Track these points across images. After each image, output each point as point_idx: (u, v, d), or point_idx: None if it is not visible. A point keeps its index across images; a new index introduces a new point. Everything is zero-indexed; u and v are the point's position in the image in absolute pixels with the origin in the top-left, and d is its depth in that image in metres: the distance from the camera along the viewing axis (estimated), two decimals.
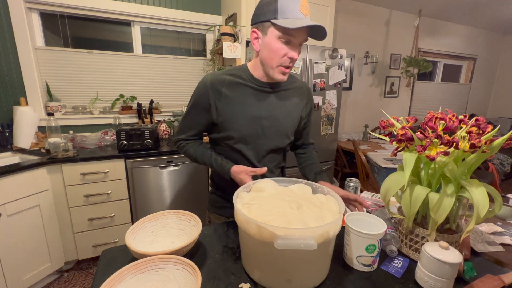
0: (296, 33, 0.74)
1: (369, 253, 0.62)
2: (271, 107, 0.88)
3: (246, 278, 0.61)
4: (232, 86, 0.85)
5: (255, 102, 0.86)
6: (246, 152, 0.89)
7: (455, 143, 0.55)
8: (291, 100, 0.92)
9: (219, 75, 0.86)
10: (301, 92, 0.95)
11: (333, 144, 2.41)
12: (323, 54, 2.14)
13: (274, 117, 0.88)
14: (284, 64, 0.78)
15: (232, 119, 0.85)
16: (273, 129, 0.89)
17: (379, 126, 0.72)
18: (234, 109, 0.84)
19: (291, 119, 0.93)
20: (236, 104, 0.84)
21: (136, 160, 1.80)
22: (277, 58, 0.77)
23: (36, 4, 1.89)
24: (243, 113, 0.85)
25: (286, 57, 0.77)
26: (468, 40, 4.29)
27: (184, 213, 0.79)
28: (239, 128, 0.86)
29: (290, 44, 0.76)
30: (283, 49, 0.76)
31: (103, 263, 0.67)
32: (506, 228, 0.84)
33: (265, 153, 0.91)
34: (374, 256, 0.62)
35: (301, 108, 0.95)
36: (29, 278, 1.55)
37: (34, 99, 1.96)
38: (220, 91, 0.84)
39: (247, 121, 0.85)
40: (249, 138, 0.88)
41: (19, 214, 1.48)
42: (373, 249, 0.61)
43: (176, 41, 2.47)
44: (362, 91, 3.59)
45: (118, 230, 1.85)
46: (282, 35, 0.74)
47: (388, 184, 0.67)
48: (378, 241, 0.61)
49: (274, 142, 0.91)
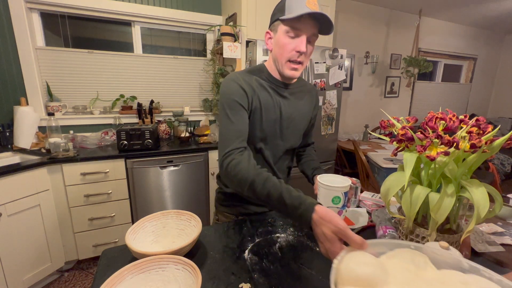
0: (301, 26, 0.74)
1: (335, 204, 0.70)
2: (289, 108, 0.89)
3: (247, 278, 0.61)
4: (259, 86, 0.85)
5: (276, 102, 0.87)
6: (265, 152, 0.90)
7: (456, 143, 0.55)
8: (305, 101, 0.95)
9: (245, 74, 0.84)
10: (311, 95, 0.99)
11: (334, 144, 2.41)
12: (324, 54, 2.14)
13: (291, 118, 0.90)
14: (293, 59, 0.79)
15: (259, 117, 0.85)
16: (290, 130, 0.91)
17: (379, 126, 0.72)
18: (261, 109, 0.84)
19: (305, 120, 0.96)
20: (263, 103, 0.84)
21: (136, 160, 1.80)
22: (285, 53, 0.78)
23: (36, 4, 1.89)
24: (267, 113, 0.85)
25: (294, 51, 0.77)
26: (469, 40, 4.28)
27: (184, 213, 0.79)
28: (263, 127, 0.86)
29: (298, 38, 0.76)
30: (290, 44, 0.77)
31: (104, 263, 0.67)
32: (507, 228, 0.84)
33: (281, 153, 0.93)
34: (339, 207, 0.71)
35: (311, 109, 0.99)
36: (30, 278, 1.55)
37: (34, 99, 1.96)
38: (254, 89, 0.83)
39: (270, 122, 0.86)
40: (269, 138, 0.88)
41: (19, 214, 1.48)
42: (338, 200, 0.70)
43: (176, 41, 2.47)
44: (363, 91, 3.59)
45: (118, 230, 1.85)
46: (289, 29, 0.76)
47: (388, 184, 0.67)
48: (343, 193, 0.70)
49: (290, 143, 0.93)
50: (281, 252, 0.72)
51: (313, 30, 0.76)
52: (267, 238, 0.79)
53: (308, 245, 0.76)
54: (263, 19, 2.06)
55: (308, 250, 0.73)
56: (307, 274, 0.63)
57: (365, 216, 0.93)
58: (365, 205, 1.01)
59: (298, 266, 0.66)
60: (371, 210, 0.95)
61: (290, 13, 0.73)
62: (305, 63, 0.82)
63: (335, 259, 0.46)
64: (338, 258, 0.46)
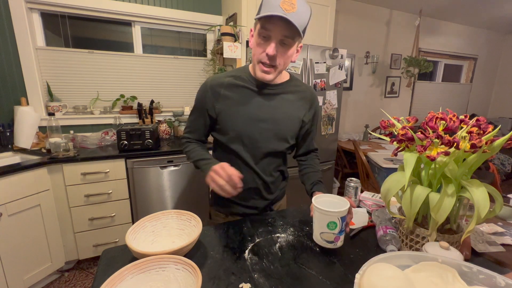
0: (271, 27, 0.71)
1: (331, 230, 0.66)
2: (271, 110, 0.86)
3: (247, 278, 0.61)
4: (232, 88, 0.85)
5: (254, 103, 0.85)
6: (243, 153, 0.88)
7: (456, 143, 0.55)
8: (294, 103, 0.90)
9: (219, 78, 0.88)
10: (304, 96, 0.92)
11: (334, 144, 2.41)
12: (324, 54, 2.14)
13: (273, 120, 0.86)
14: (263, 60, 0.76)
15: (230, 118, 0.85)
16: (272, 132, 0.87)
17: (379, 126, 0.71)
18: (232, 109, 0.85)
19: (291, 123, 0.90)
20: (235, 104, 0.85)
21: (136, 160, 1.80)
22: (257, 54, 0.77)
23: (36, 4, 1.89)
24: (240, 113, 0.85)
25: (264, 53, 0.75)
26: (469, 40, 4.28)
27: (184, 213, 0.79)
28: (235, 128, 0.86)
29: (269, 40, 0.73)
30: (261, 45, 0.75)
31: (104, 263, 0.67)
32: (507, 228, 0.84)
33: (263, 155, 0.90)
34: (335, 233, 0.67)
35: (304, 112, 0.92)
36: (30, 277, 1.55)
37: (35, 99, 1.97)
38: (219, 92, 0.85)
39: (244, 122, 0.85)
40: (246, 139, 0.87)
41: (20, 214, 1.48)
42: (334, 226, 0.66)
43: (177, 41, 2.47)
44: (363, 91, 3.59)
45: (119, 230, 1.85)
46: (260, 29, 0.74)
47: (388, 184, 0.67)
48: (339, 218, 0.65)
49: (272, 146, 0.89)
50: (281, 252, 0.72)
51: (284, 32, 0.71)
52: (267, 238, 0.79)
53: (308, 245, 0.76)
54: None
55: (309, 250, 0.73)
56: (307, 274, 0.63)
57: (365, 216, 0.93)
58: (365, 205, 1.01)
59: (298, 266, 0.66)
60: (371, 210, 0.95)
61: (264, 12, 0.70)
62: (280, 67, 0.78)
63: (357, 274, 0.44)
64: (360, 273, 0.44)
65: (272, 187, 0.98)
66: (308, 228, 0.85)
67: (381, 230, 0.75)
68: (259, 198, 0.97)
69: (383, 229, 0.75)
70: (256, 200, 0.96)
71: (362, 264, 0.47)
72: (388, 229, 0.74)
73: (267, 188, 0.96)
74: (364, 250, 0.74)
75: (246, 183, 0.90)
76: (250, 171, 0.91)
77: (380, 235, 0.75)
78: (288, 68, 2.00)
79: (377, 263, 0.46)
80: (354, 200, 1.01)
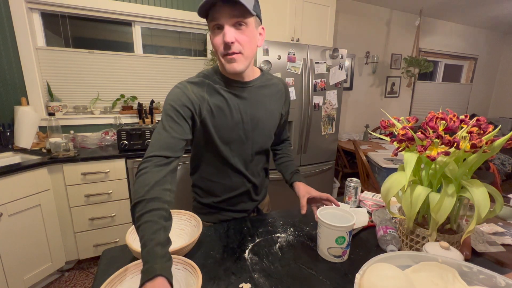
0: (216, 14, 0.66)
1: (339, 244, 0.66)
2: (251, 109, 0.82)
3: (247, 278, 0.61)
4: (212, 92, 0.77)
5: (235, 105, 0.80)
6: (231, 159, 0.84)
7: (456, 143, 0.55)
8: (271, 98, 0.87)
9: (196, 81, 0.78)
10: (278, 89, 0.90)
11: (334, 144, 2.41)
12: (324, 54, 2.14)
13: (256, 119, 0.84)
14: (224, 52, 0.70)
15: (214, 126, 0.78)
16: (256, 132, 0.85)
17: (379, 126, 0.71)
18: (214, 116, 0.77)
19: (273, 118, 0.89)
20: (216, 110, 0.77)
21: (137, 160, 1.80)
22: (217, 49, 0.71)
23: (37, 4, 1.89)
24: (223, 118, 0.78)
25: (222, 45, 0.69)
26: (469, 40, 4.28)
27: (185, 213, 0.79)
28: (222, 135, 0.80)
29: (222, 28, 0.68)
30: (218, 38, 0.69)
31: (104, 263, 0.67)
32: (507, 229, 0.84)
33: (251, 157, 0.88)
34: (344, 247, 0.66)
35: (281, 105, 0.92)
36: (30, 277, 1.55)
37: (35, 99, 1.97)
38: (203, 96, 0.76)
39: (228, 127, 0.80)
40: (233, 145, 0.83)
41: (20, 214, 1.48)
42: (343, 240, 0.65)
43: (177, 41, 2.47)
44: (363, 91, 3.58)
45: (119, 230, 1.85)
46: (209, 22, 0.69)
47: (388, 184, 0.67)
48: (347, 233, 0.65)
49: (259, 144, 0.88)
50: (281, 252, 0.72)
51: (232, 13, 0.66)
52: (267, 238, 0.79)
53: (309, 245, 0.76)
54: (263, 19, 2.05)
55: (309, 250, 0.73)
56: (308, 274, 0.63)
57: (366, 216, 0.93)
58: (366, 205, 1.01)
59: (298, 266, 0.66)
60: (372, 210, 0.95)
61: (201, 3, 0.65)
62: (247, 52, 0.72)
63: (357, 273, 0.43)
64: (360, 273, 0.43)
65: (260, 188, 0.98)
66: (308, 228, 0.85)
67: (381, 230, 0.75)
68: (248, 201, 0.96)
69: (383, 229, 0.75)
70: (245, 203, 0.95)
71: (362, 264, 0.47)
72: (388, 229, 0.74)
73: (255, 190, 0.96)
74: (364, 250, 0.74)
75: (235, 188, 0.90)
76: (239, 176, 0.89)
77: (380, 235, 0.75)
78: (288, 68, 2.01)
79: (377, 263, 0.46)
80: (354, 200, 1.01)
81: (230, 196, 0.91)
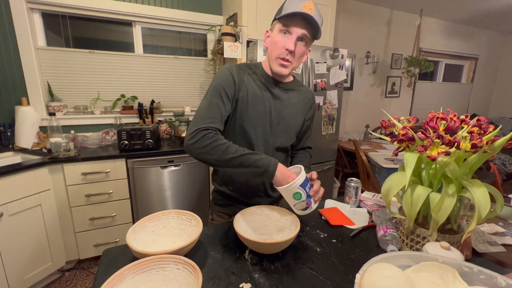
0: (292, 24, 0.78)
1: (298, 199, 0.72)
2: (279, 105, 0.91)
3: (247, 278, 0.61)
4: (250, 79, 0.88)
5: (265, 97, 0.89)
6: (255, 144, 0.90)
7: (457, 143, 0.55)
8: (298, 101, 0.96)
9: (241, 66, 0.90)
10: (306, 96, 0.99)
11: (334, 144, 2.41)
12: (324, 54, 2.14)
13: (282, 115, 0.91)
14: (281, 56, 0.82)
15: (246, 109, 0.86)
16: (281, 126, 0.92)
17: (380, 126, 0.71)
18: (249, 100, 0.86)
19: (297, 120, 0.96)
20: (251, 95, 0.86)
21: (137, 160, 1.80)
22: (276, 50, 0.82)
23: (37, 4, 1.90)
24: (255, 105, 0.87)
25: (284, 49, 0.80)
26: (470, 40, 4.27)
27: (185, 212, 0.79)
28: (251, 120, 0.87)
29: (289, 36, 0.80)
30: (281, 41, 0.81)
31: (104, 263, 0.67)
32: (508, 229, 0.84)
33: (272, 151, 0.93)
34: (304, 200, 0.72)
35: (306, 110, 0.99)
36: (31, 277, 1.55)
37: (35, 99, 1.97)
38: (243, 79, 0.87)
39: (258, 114, 0.87)
40: (258, 132, 0.89)
41: (20, 214, 1.48)
42: (299, 196, 0.71)
43: (177, 41, 2.47)
44: (363, 91, 3.58)
45: (119, 230, 1.85)
46: (281, 26, 0.80)
47: (389, 184, 0.67)
48: (299, 187, 0.70)
49: (280, 140, 0.93)
50: (281, 252, 0.72)
51: (304, 30, 0.79)
52: None
53: (309, 245, 0.76)
54: (263, 19, 2.06)
55: (309, 250, 0.73)
56: (308, 274, 0.63)
57: (366, 216, 0.93)
58: (366, 205, 1.01)
59: (298, 266, 0.66)
60: (372, 210, 0.95)
61: (285, 12, 0.78)
62: (295, 63, 0.84)
63: (357, 274, 0.44)
64: (360, 273, 0.43)
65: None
66: (308, 228, 0.85)
67: (381, 230, 0.75)
68: (264, 196, 0.97)
69: (384, 229, 0.75)
70: (260, 197, 0.97)
71: (362, 264, 0.47)
72: (389, 229, 0.74)
73: (271, 185, 0.97)
74: (364, 250, 0.74)
75: (252, 178, 0.92)
76: None
77: (380, 235, 0.75)
78: None
79: (378, 263, 0.46)
80: (355, 200, 1.01)
81: (246, 186, 0.94)
